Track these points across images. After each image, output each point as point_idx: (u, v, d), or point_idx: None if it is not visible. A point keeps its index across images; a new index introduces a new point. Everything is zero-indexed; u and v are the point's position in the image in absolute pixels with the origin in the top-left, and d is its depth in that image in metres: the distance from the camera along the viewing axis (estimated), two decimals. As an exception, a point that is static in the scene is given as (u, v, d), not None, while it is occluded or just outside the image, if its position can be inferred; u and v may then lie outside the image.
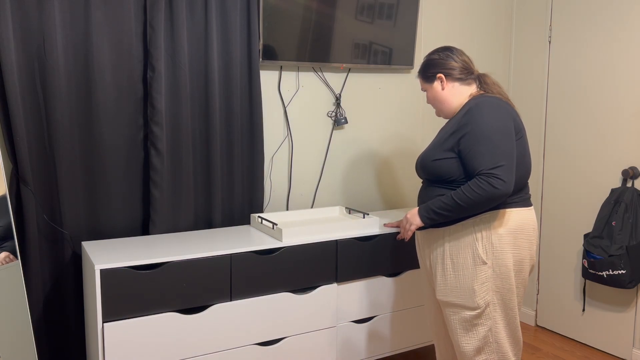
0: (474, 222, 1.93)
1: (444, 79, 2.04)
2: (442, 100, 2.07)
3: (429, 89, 2.10)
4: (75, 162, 2.23)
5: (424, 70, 2.10)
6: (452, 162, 1.94)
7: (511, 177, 1.84)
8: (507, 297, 1.95)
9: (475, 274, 1.93)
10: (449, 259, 1.98)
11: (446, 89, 2.05)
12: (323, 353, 2.35)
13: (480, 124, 1.87)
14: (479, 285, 1.93)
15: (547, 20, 3.19)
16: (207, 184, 2.49)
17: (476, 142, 1.86)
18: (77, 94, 2.22)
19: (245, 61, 2.51)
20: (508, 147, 1.86)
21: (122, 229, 2.35)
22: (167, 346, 2.01)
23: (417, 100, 3.10)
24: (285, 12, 2.55)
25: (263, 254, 2.17)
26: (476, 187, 1.83)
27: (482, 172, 1.83)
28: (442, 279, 2.00)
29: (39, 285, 2.20)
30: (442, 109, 2.10)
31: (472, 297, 1.94)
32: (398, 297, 2.52)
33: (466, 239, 1.94)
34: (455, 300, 1.98)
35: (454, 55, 2.05)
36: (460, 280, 1.96)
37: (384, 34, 2.84)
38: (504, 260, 1.92)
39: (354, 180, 2.96)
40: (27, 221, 2.15)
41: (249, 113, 2.55)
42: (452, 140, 1.93)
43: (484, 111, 1.89)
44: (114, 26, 2.24)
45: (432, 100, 2.11)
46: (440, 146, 1.98)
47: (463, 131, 1.90)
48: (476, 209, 1.88)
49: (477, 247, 1.92)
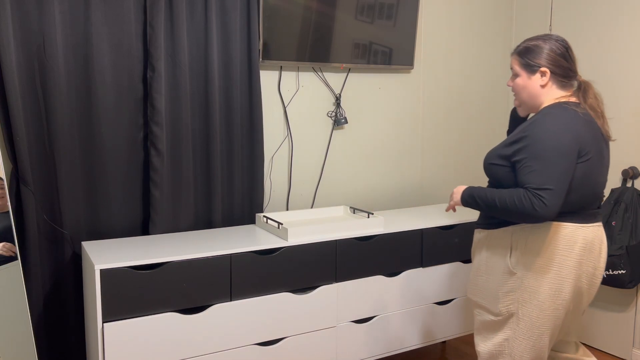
0: (513, 231, 1.86)
1: (548, 75, 1.85)
2: (533, 96, 1.89)
3: (523, 77, 1.89)
4: (75, 162, 2.23)
5: (527, 55, 1.88)
6: (504, 170, 1.85)
7: (557, 202, 1.71)
8: (534, 314, 1.84)
9: (502, 281, 1.88)
10: (484, 261, 1.95)
11: (546, 87, 1.86)
12: (323, 353, 2.35)
13: (539, 140, 1.74)
14: (503, 293, 1.88)
15: (547, 20, 3.19)
16: (207, 184, 2.49)
17: (531, 157, 1.74)
18: (77, 94, 2.22)
19: (245, 61, 2.51)
20: (562, 168, 1.73)
21: (122, 229, 2.35)
22: (167, 346, 2.01)
23: (417, 100, 3.10)
24: (285, 12, 2.55)
25: (263, 254, 2.17)
26: (518, 198, 1.73)
27: (530, 188, 1.72)
28: (474, 277, 1.99)
29: (39, 285, 2.20)
30: (527, 103, 1.93)
31: (495, 302, 1.90)
32: (398, 297, 2.52)
33: (502, 245, 1.89)
34: (481, 302, 1.96)
35: (568, 53, 1.86)
36: (489, 284, 1.93)
37: (384, 34, 2.84)
38: (537, 275, 1.82)
39: (354, 180, 2.96)
40: (27, 221, 2.15)
41: (249, 113, 2.55)
42: (510, 149, 1.83)
43: (547, 126, 1.76)
44: (114, 26, 2.24)
45: (520, 89, 1.91)
46: (499, 151, 1.88)
47: (522, 143, 1.78)
48: (507, 217, 1.81)
49: (509, 256, 1.86)
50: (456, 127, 3.26)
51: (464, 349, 3.07)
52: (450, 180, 3.28)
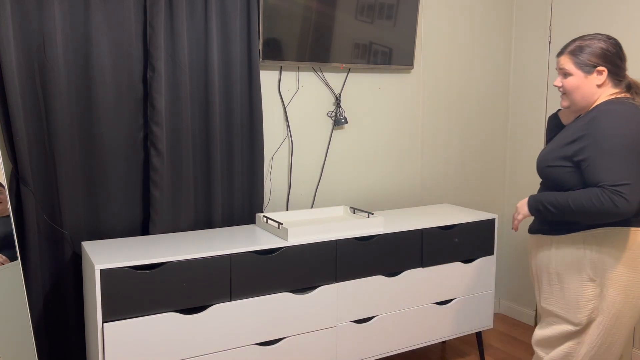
0: (585, 239, 1.82)
1: (605, 74, 1.82)
2: (588, 96, 1.84)
3: (578, 76, 1.84)
4: (75, 162, 2.23)
5: (581, 54, 1.84)
6: (566, 171, 1.81)
7: (637, 196, 1.69)
8: (610, 322, 1.82)
9: (582, 289, 1.83)
10: (555, 269, 1.89)
11: (602, 86, 1.83)
12: (323, 353, 2.35)
13: (604, 136, 1.71)
14: (585, 302, 1.84)
15: (547, 20, 3.19)
16: (207, 184, 2.49)
17: (600, 155, 1.71)
18: (77, 94, 2.22)
19: (245, 61, 2.51)
20: (633, 162, 1.70)
21: (122, 229, 2.35)
22: (167, 346, 2.01)
23: (417, 100, 3.10)
24: (285, 12, 2.55)
25: (263, 254, 2.17)
26: (596, 198, 1.69)
27: (606, 185, 1.68)
28: (548, 287, 1.93)
29: (39, 285, 2.20)
30: (578, 104, 1.87)
31: (576, 312, 1.85)
32: (398, 297, 2.52)
33: (574, 254, 1.84)
34: (558, 312, 1.91)
35: (622, 52, 1.84)
36: (565, 293, 1.87)
37: (384, 34, 2.84)
38: (615, 283, 1.80)
39: (354, 180, 2.96)
40: (27, 221, 2.15)
41: (249, 113, 2.55)
42: (571, 149, 1.79)
43: (611, 121, 1.73)
44: (114, 26, 2.24)
45: (573, 89, 1.86)
46: (557, 153, 1.85)
47: (585, 141, 1.75)
48: (585, 218, 1.77)
49: (585, 265, 1.82)
50: (456, 127, 3.27)
51: (464, 349, 3.07)
52: (450, 180, 3.28)
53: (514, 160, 3.44)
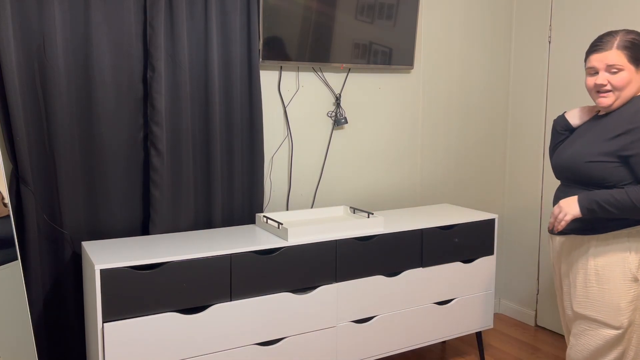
0: (629, 234, 1.77)
1: None
2: (636, 90, 1.83)
3: (630, 70, 1.81)
4: (75, 162, 2.23)
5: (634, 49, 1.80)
6: (610, 166, 1.77)
7: None
8: None
9: (624, 290, 1.78)
10: (593, 270, 1.83)
11: None
12: (323, 353, 2.35)
13: None
14: (627, 303, 1.78)
15: (547, 20, 3.19)
16: (207, 184, 2.49)
17: None
18: (77, 94, 2.22)
19: (245, 61, 2.51)
20: None
21: (122, 229, 2.35)
22: (167, 346, 2.01)
23: (417, 100, 3.10)
24: (285, 12, 2.55)
25: (263, 254, 2.18)
26: None
27: None
28: (583, 290, 1.85)
29: (39, 285, 2.20)
30: (624, 98, 1.84)
31: (616, 315, 1.79)
32: (398, 297, 2.52)
33: (617, 251, 1.79)
34: (595, 316, 1.83)
35: None
36: (605, 295, 1.81)
37: (384, 34, 2.84)
38: None
39: (354, 180, 2.96)
40: (27, 221, 2.15)
41: (249, 113, 2.55)
42: (617, 143, 1.76)
43: None
44: (113, 26, 2.24)
45: (625, 84, 1.82)
46: (598, 147, 1.80)
47: (634, 135, 1.72)
48: None
49: (630, 262, 1.77)
50: (456, 127, 3.27)
51: (464, 349, 3.07)
52: (450, 180, 3.28)
53: (514, 160, 3.44)
